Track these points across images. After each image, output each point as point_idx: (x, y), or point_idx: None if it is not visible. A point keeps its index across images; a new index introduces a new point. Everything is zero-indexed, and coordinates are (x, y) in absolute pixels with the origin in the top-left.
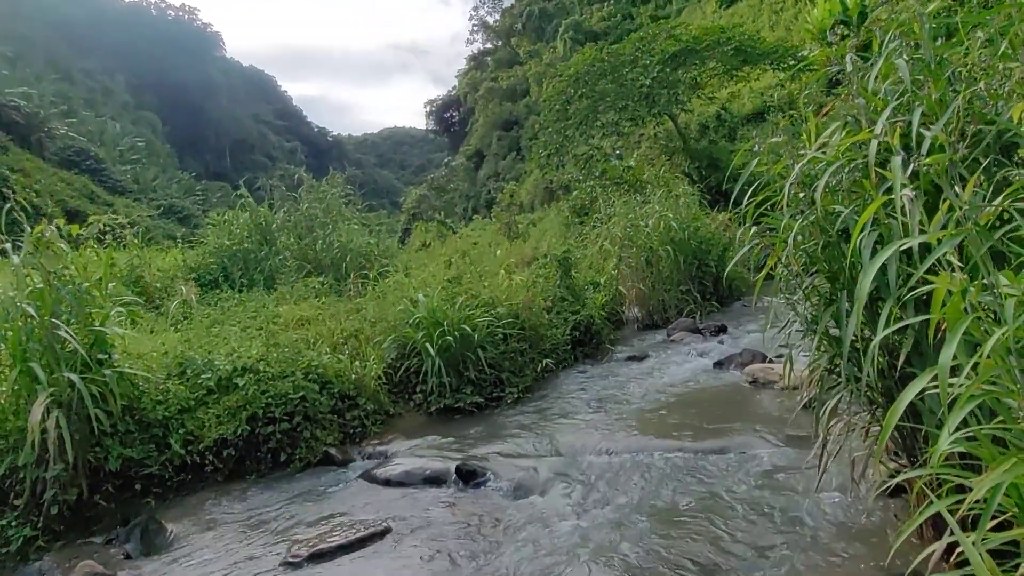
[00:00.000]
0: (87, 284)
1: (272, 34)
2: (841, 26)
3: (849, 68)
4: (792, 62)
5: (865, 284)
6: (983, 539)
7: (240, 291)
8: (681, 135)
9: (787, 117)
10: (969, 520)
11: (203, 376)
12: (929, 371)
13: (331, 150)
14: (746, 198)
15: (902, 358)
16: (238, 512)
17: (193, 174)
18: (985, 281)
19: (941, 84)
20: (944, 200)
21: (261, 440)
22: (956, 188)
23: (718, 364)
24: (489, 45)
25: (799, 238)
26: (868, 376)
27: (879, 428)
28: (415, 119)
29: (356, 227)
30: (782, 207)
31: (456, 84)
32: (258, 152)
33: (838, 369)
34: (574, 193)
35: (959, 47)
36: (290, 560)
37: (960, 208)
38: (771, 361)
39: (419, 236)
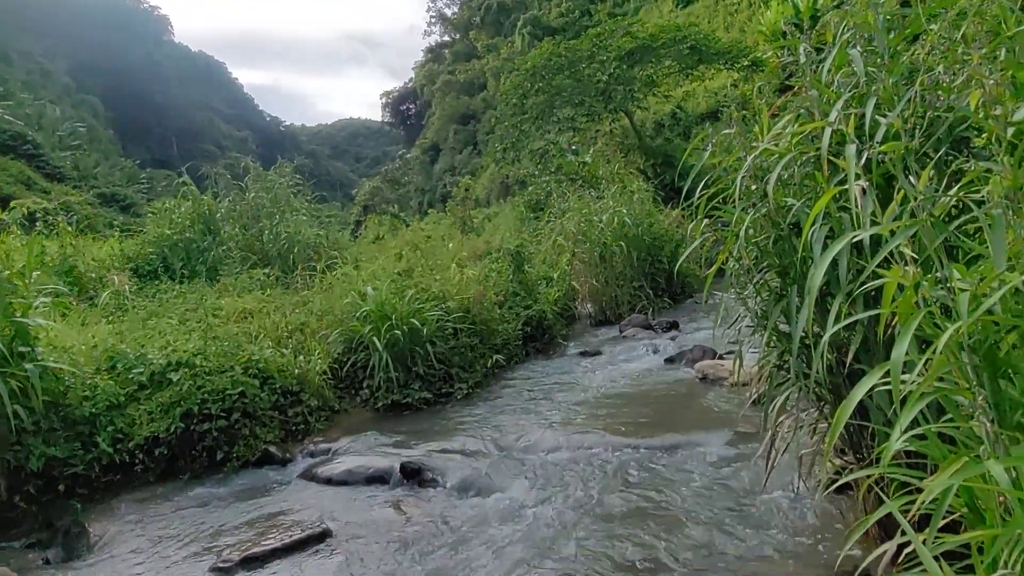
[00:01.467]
0: (7, 273)
1: (223, 19)
2: (793, 28)
3: (802, 59)
4: (746, 62)
5: (816, 278)
6: (936, 540)
7: (181, 282)
8: (637, 132)
9: (741, 115)
10: (916, 519)
11: (135, 371)
12: (880, 368)
13: (284, 140)
14: (698, 191)
15: (851, 354)
16: (169, 514)
17: (137, 161)
18: (938, 275)
19: (897, 69)
20: (898, 191)
21: (196, 438)
22: (911, 178)
23: (669, 360)
24: (447, 38)
25: (750, 232)
26: (817, 373)
27: (827, 425)
28: (371, 111)
29: (305, 218)
30: (734, 201)
31: (413, 76)
32: (207, 140)
33: (787, 365)
34: (530, 188)
35: (914, 40)
36: (220, 566)
37: (915, 198)
38: (721, 357)
39: (372, 229)
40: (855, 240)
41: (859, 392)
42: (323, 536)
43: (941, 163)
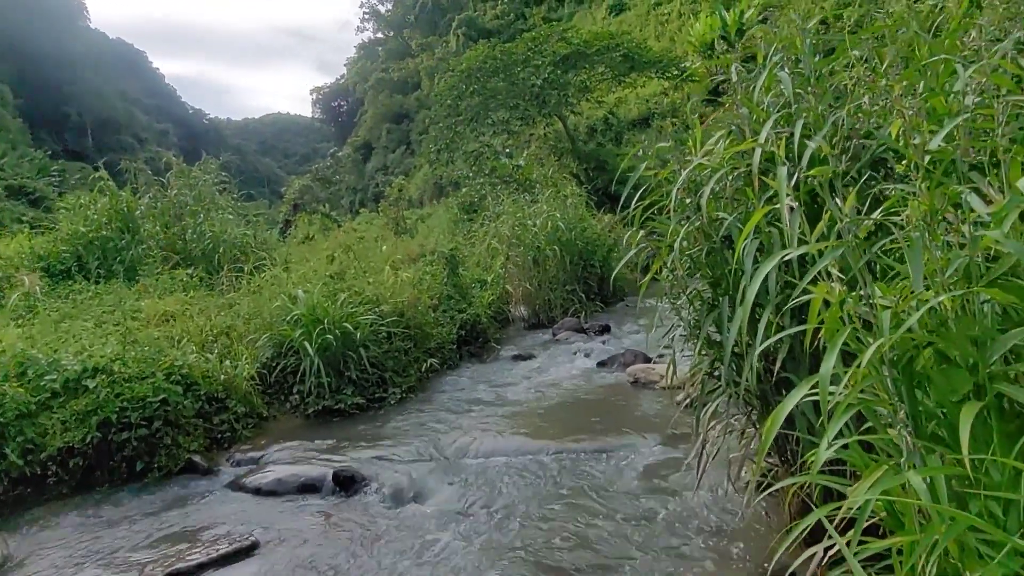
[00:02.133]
0: None
1: (144, 6)
2: (721, 41)
3: (734, 78)
4: (676, 72)
5: (750, 295)
6: (861, 543)
7: (96, 283)
8: (570, 136)
9: (671, 123)
10: (842, 521)
11: (47, 377)
12: (807, 381)
13: (208, 134)
14: (633, 202)
15: (778, 363)
16: (86, 529)
17: (49, 152)
18: (862, 292)
19: (826, 96)
20: (825, 211)
21: (114, 448)
22: (837, 200)
23: (601, 364)
24: (380, 35)
25: (684, 243)
26: (747, 381)
27: (755, 430)
28: (301, 106)
29: (231, 217)
30: (669, 212)
31: (345, 73)
32: (125, 132)
33: (719, 373)
34: (463, 190)
35: (838, 64)
36: None
37: (841, 220)
38: (653, 361)
39: (302, 228)
40: (786, 258)
41: (787, 404)
42: (252, 549)
43: (864, 183)
